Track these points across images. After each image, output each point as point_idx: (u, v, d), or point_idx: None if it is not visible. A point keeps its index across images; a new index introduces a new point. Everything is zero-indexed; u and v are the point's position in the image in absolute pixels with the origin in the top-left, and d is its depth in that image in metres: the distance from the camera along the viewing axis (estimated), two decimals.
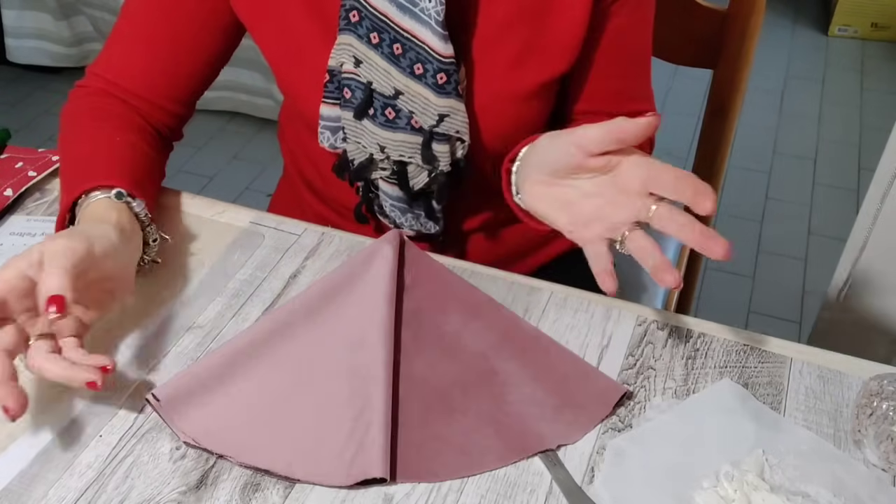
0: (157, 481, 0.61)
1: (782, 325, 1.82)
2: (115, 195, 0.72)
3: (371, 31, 0.75)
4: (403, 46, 0.75)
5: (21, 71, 2.55)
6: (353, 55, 0.76)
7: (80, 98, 0.84)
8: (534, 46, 0.78)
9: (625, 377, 0.68)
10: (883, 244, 1.16)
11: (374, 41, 0.75)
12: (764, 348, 0.71)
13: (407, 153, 0.79)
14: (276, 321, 0.70)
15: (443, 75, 0.75)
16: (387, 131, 0.78)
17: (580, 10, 0.76)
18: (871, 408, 0.61)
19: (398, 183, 0.82)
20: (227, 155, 2.33)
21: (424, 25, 0.73)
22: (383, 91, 0.77)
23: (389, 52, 0.75)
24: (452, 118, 0.77)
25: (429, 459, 0.62)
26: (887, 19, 2.72)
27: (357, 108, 0.78)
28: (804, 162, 2.28)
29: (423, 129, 0.78)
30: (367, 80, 0.77)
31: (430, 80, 0.75)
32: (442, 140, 0.78)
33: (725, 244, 0.60)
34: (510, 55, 0.78)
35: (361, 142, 0.80)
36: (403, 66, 0.75)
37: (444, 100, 0.76)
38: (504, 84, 0.79)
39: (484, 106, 0.79)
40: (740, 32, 1.01)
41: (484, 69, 0.78)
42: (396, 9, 0.73)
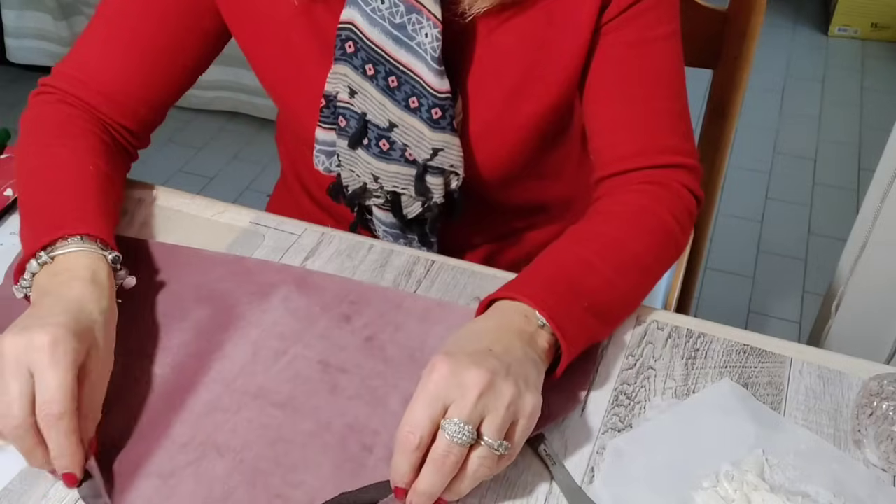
0: None
1: (782, 325, 1.82)
2: (111, 259, 0.67)
3: (366, 63, 0.74)
4: (399, 79, 0.73)
5: (21, 71, 2.55)
6: (348, 85, 0.75)
7: (43, 106, 0.79)
8: (531, 78, 0.76)
9: (625, 377, 0.68)
10: (883, 244, 1.16)
11: (369, 73, 0.74)
12: (764, 348, 0.71)
13: (400, 184, 0.79)
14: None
15: (437, 110, 0.73)
16: (381, 162, 0.78)
17: (581, 38, 0.73)
18: (871, 408, 0.61)
19: (392, 210, 0.82)
20: (227, 155, 2.33)
21: (420, 60, 0.72)
22: (378, 122, 0.76)
23: (384, 84, 0.74)
24: (447, 152, 0.76)
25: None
26: (887, 19, 2.72)
27: (351, 138, 0.78)
28: (804, 162, 2.28)
29: (417, 161, 0.77)
30: (362, 110, 0.76)
31: (425, 115, 0.74)
32: (436, 173, 0.77)
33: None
34: (507, 87, 0.76)
35: (356, 170, 0.80)
36: (398, 98, 0.74)
37: (438, 134, 0.75)
38: (500, 115, 0.77)
39: (479, 137, 0.78)
40: (740, 32, 1.01)
41: (480, 101, 0.77)
42: (392, 42, 0.72)
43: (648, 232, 0.72)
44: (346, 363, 0.68)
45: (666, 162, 0.75)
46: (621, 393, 0.67)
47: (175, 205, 0.85)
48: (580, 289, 0.65)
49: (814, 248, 2.01)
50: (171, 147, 2.33)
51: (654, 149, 0.75)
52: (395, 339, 0.70)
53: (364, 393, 0.66)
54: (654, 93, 0.75)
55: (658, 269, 0.73)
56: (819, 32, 2.85)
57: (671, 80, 0.76)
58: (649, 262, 0.71)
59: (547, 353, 0.62)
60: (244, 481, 0.60)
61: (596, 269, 0.67)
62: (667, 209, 0.73)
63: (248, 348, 0.69)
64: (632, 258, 0.70)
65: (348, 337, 0.70)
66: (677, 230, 0.73)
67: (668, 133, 0.76)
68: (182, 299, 0.73)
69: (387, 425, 0.63)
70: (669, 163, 0.75)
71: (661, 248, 0.72)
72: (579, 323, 0.64)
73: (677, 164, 0.75)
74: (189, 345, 0.70)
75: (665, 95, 0.75)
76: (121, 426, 0.63)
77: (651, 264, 0.71)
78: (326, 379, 0.67)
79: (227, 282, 0.75)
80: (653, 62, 0.75)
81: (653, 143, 0.75)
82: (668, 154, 0.75)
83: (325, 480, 0.60)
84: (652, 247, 0.71)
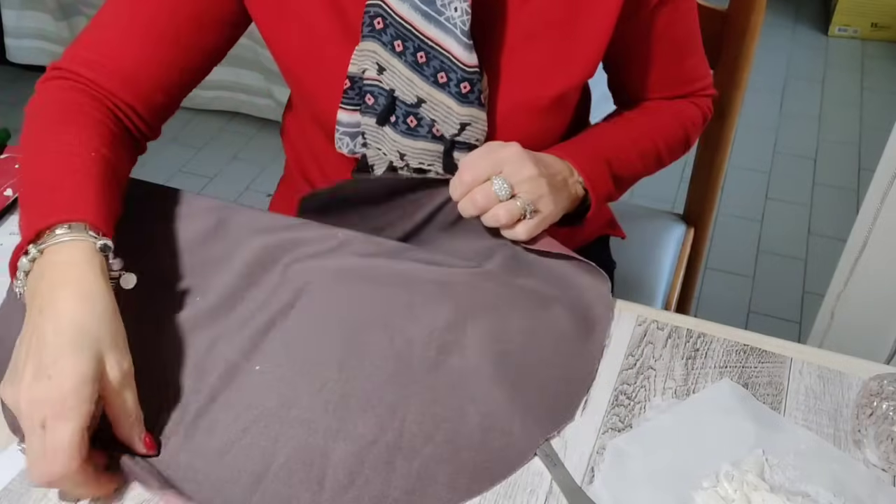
0: None
1: (782, 325, 1.82)
2: (100, 247, 0.64)
3: (395, 39, 0.74)
4: (427, 55, 0.74)
5: (21, 71, 2.55)
6: (377, 62, 0.76)
7: (51, 92, 0.77)
8: (557, 56, 0.77)
9: (625, 377, 0.68)
10: (883, 244, 1.16)
11: (398, 49, 0.75)
12: (764, 348, 0.71)
13: (427, 161, 0.80)
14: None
15: (466, 84, 0.74)
16: (407, 139, 0.78)
17: (608, 19, 0.76)
18: (871, 408, 0.61)
19: None
20: (227, 155, 2.33)
21: (449, 34, 0.73)
22: (405, 99, 0.77)
23: (413, 60, 0.75)
24: (474, 126, 0.77)
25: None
26: (887, 19, 2.72)
27: (380, 115, 0.78)
28: (804, 162, 2.28)
29: (445, 137, 0.78)
30: (390, 87, 0.77)
31: (454, 90, 0.75)
32: (463, 148, 0.78)
33: None
34: (534, 64, 0.77)
35: (382, 148, 0.80)
36: (427, 74, 0.75)
37: (466, 109, 0.76)
38: (526, 93, 0.78)
39: (505, 115, 0.79)
40: (740, 32, 1.01)
41: (507, 78, 0.78)
42: (421, 17, 0.73)
43: (673, 133, 0.91)
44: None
45: (697, 91, 0.93)
46: (621, 393, 0.67)
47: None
48: (611, 163, 0.84)
49: (814, 248, 2.01)
50: (171, 147, 2.33)
51: (691, 84, 0.93)
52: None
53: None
54: (683, 50, 0.89)
55: (668, 161, 0.93)
56: (819, 32, 2.85)
57: (695, 34, 0.89)
58: (664, 154, 0.91)
59: (574, 199, 0.80)
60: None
61: (626, 151, 0.86)
62: (689, 118, 0.92)
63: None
64: (653, 148, 0.89)
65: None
66: (692, 136, 0.94)
67: (701, 74, 0.93)
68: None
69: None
70: (699, 91, 0.93)
71: (677, 147, 0.93)
72: (604, 186, 0.83)
73: (705, 93, 0.94)
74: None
75: (691, 50, 0.90)
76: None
77: (664, 157, 0.91)
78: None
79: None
80: (681, 22, 0.86)
81: (691, 82, 0.92)
82: (699, 88, 0.93)
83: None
84: (671, 144, 0.91)
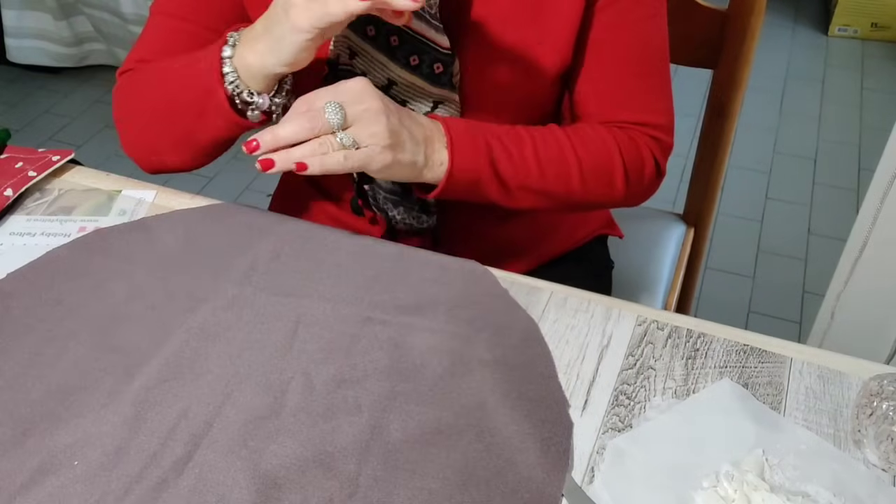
0: None
1: (782, 325, 1.82)
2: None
3: (367, 24, 0.76)
4: (400, 38, 0.76)
5: (21, 71, 2.55)
6: (349, 46, 0.78)
7: (129, 74, 0.84)
8: (527, 44, 0.78)
9: (625, 377, 0.68)
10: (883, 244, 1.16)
11: (370, 34, 0.77)
12: (764, 348, 0.71)
13: None
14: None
15: (439, 65, 0.76)
16: None
17: (573, 7, 0.77)
18: (871, 408, 0.61)
19: None
20: (227, 155, 2.32)
21: (420, 19, 0.75)
22: (376, 82, 0.77)
23: (385, 43, 0.77)
24: (447, 106, 0.78)
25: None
26: (887, 19, 2.72)
27: None
28: (804, 162, 2.28)
29: None
30: (362, 70, 0.78)
31: (426, 70, 0.77)
32: None
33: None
34: (505, 52, 0.78)
35: None
36: (399, 57, 0.77)
37: (438, 89, 0.77)
38: (497, 78, 0.79)
39: (477, 99, 0.80)
40: (740, 32, 1.01)
41: (477, 63, 0.79)
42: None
43: (593, 155, 0.79)
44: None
45: (641, 122, 0.82)
46: (621, 393, 0.67)
47: (175, 205, 0.85)
48: (492, 148, 0.76)
49: (814, 248, 2.01)
50: None
51: (633, 112, 0.82)
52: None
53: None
54: (642, 68, 0.81)
55: (580, 191, 0.80)
56: (819, 32, 2.85)
57: (660, 56, 0.82)
58: (575, 177, 0.79)
59: (434, 165, 0.74)
60: None
61: (524, 144, 0.77)
62: (622, 153, 0.80)
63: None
64: (560, 161, 0.78)
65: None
66: (619, 174, 0.80)
67: (650, 106, 0.83)
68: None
69: None
70: (644, 124, 0.82)
71: (595, 175, 0.80)
72: (471, 161, 0.75)
73: (651, 132, 0.83)
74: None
75: (650, 71, 0.82)
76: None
77: (575, 182, 0.79)
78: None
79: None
80: (644, 37, 0.80)
81: (633, 109, 0.82)
82: (644, 120, 0.82)
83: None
84: (587, 168, 0.79)
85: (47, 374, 0.67)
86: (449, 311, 0.72)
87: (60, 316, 0.72)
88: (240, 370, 0.67)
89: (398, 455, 0.62)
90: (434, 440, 0.63)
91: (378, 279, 0.75)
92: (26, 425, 0.63)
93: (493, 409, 0.65)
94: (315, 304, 0.73)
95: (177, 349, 0.69)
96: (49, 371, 0.67)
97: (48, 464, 0.61)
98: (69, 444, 0.62)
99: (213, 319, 0.72)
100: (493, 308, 0.73)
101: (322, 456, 0.61)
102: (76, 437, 0.62)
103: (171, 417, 0.64)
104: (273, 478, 0.60)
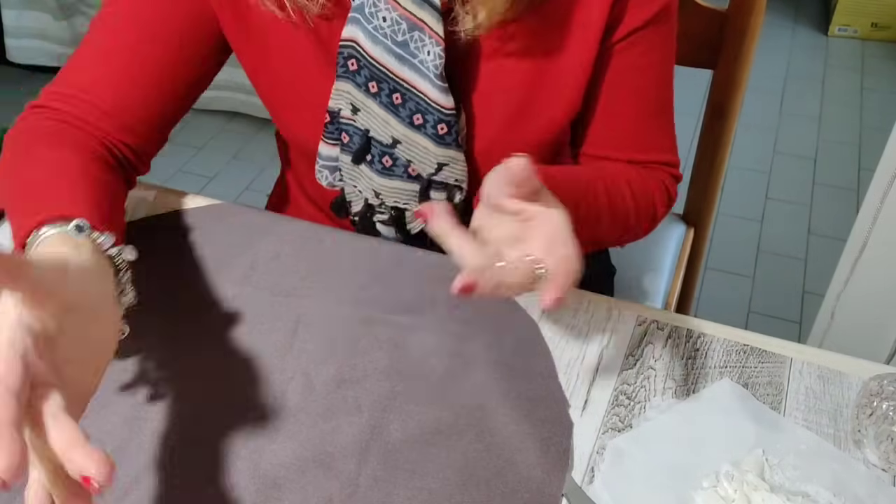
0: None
1: (782, 325, 1.82)
2: (73, 228, 0.56)
3: (370, 80, 0.74)
4: (403, 96, 0.73)
5: (21, 71, 2.55)
6: (351, 102, 0.75)
7: (32, 121, 0.74)
8: (535, 95, 0.76)
9: (625, 377, 0.68)
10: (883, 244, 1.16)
11: (372, 90, 0.74)
12: (764, 348, 0.71)
13: (402, 200, 0.79)
14: None
15: (443, 126, 0.74)
16: (383, 178, 0.78)
17: (586, 54, 0.74)
18: (871, 408, 0.61)
19: (395, 226, 0.82)
20: (227, 155, 2.33)
21: (423, 77, 0.72)
22: (381, 139, 0.76)
23: (388, 101, 0.74)
24: (452, 167, 0.76)
25: None
26: (887, 19, 2.72)
27: (355, 154, 0.78)
28: (804, 162, 2.28)
29: (421, 176, 0.77)
30: (365, 127, 0.76)
31: (430, 131, 0.74)
32: (440, 188, 0.78)
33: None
34: (511, 104, 0.76)
35: (357, 186, 0.80)
36: (402, 115, 0.74)
37: (443, 150, 0.75)
38: (504, 132, 0.77)
39: (484, 153, 0.78)
40: (740, 32, 1.01)
41: (484, 117, 0.77)
42: (395, 60, 0.72)
43: (644, 202, 0.80)
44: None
45: (660, 161, 0.83)
46: (621, 393, 0.67)
47: (175, 205, 0.85)
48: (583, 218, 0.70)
49: (814, 248, 2.01)
50: (170, 147, 2.31)
51: (652, 153, 0.83)
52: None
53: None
54: (658, 107, 0.81)
55: (632, 230, 0.82)
56: (819, 32, 2.85)
57: (670, 93, 0.82)
58: (632, 220, 0.79)
59: None
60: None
61: (601, 207, 0.75)
62: (655, 191, 0.82)
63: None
64: (623, 209, 0.78)
65: None
66: (658, 212, 0.83)
67: (667, 145, 0.84)
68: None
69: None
70: (663, 163, 0.83)
71: (644, 217, 0.81)
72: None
73: (669, 171, 0.84)
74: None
75: (656, 112, 0.82)
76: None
77: (632, 223, 0.80)
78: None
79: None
80: (659, 78, 0.80)
81: (653, 150, 0.83)
82: (663, 159, 0.84)
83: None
84: (641, 211, 0.80)
85: None
86: (449, 311, 0.72)
87: None
88: (239, 370, 0.67)
89: (398, 455, 0.62)
90: (434, 440, 0.63)
91: (378, 279, 0.75)
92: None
93: (493, 409, 0.65)
94: (315, 304, 0.73)
95: (176, 349, 0.69)
96: None
97: None
98: None
99: (213, 319, 0.72)
100: (493, 308, 0.73)
101: (322, 456, 0.62)
102: None
103: (170, 417, 0.64)
104: (273, 478, 0.60)
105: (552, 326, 0.73)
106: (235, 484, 0.60)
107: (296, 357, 0.69)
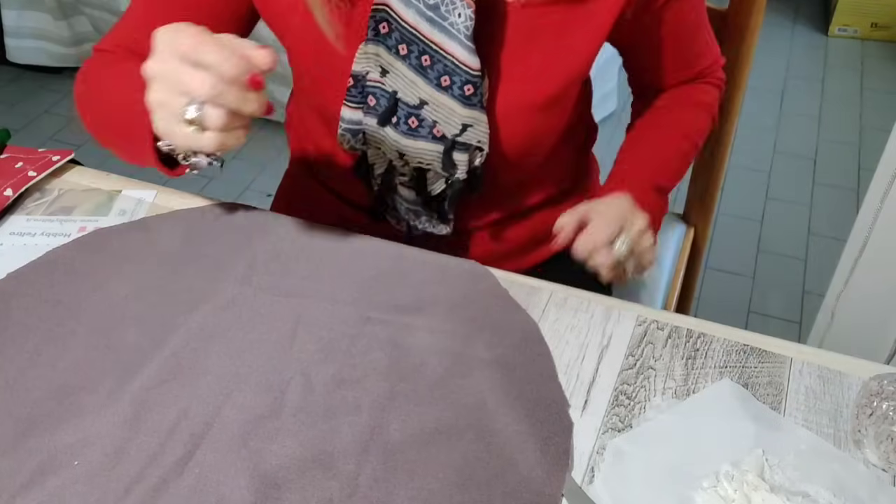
0: None
1: (782, 325, 1.82)
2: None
3: (400, 43, 0.76)
4: (432, 58, 0.75)
5: (21, 71, 2.55)
6: (380, 65, 0.77)
7: (98, 57, 0.82)
8: (555, 56, 0.78)
9: (625, 377, 0.68)
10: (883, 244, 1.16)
11: (402, 52, 0.76)
12: (764, 348, 0.71)
13: (426, 160, 0.80)
14: None
15: (470, 87, 0.75)
16: (408, 139, 0.79)
17: (606, 19, 0.77)
18: (871, 408, 0.61)
19: (415, 188, 0.84)
20: (227, 155, 2.33)
21: (453, 39, 0.74)
22: (408, 100, 0.78)
23: (417, 63, 0.76)
24: (475, 128, 0.78)
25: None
26: (887, 19, 2.72)
27: (381, 116, 0.79)
28: (804, 162, 2.28)
29: (446, 137, 0.78)
30: (393, 89, 0.78)
31: (457, 92, 0.76)
32: (462, 149, 0.79)
33: None
34: (533, 65, 0.78)
35: (381, 148, 0.81)
36: (431, 77, 0.76)
37: (468, 110, 0.77)
38: (525, 94, 0.79)
39: (505, 115, 0.80)
40: (740, 32, 1.01)
41: (507, 79, 0.79)
42: (427, 22, 0.74)
43: (703, 124, 0.94)
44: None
45: (706, 66, 0.94)
46: (621, 393, 0.67)
47: (175, 205, 0.85)
48: (661, 187, 0.89)
49: (814, 248, 2.01)
50: None
51: (702, 62, 0.94)
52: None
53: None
54: (695, 33, 0.90)
55: (702, 145, 0.96)
56: (819, 32, 2.85)
57: (702, 13, 0.89)
58: (700, 144, 0.95)
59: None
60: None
61: (669, 160, 0.91)
62: (711, 102, 0.94)
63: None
64: (691, 146, 0.93)
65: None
66: (716, 116, 0.97)
67: (704, 54, 0.94)
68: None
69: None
70: (709, 66, 0.94)
71: (707, 131, 0.95)
72: (660, 212, 0.88)
73: (717, 72, 0.95)
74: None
75: (701, 31, 0.91)
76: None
77: (697, 146, 0.95)
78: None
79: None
80: (691, 12, 0.86)
81: (702, 60, 0.93)
82: (708, 62, 0.94)
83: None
84: (703, 132, 0.94)
85: (47, 374, 0.67)
86: (449, 311, 0.72)
87: (60, 316, 0.72)
88: (239, 370, 0.67)
89: (398, 455, 0.62)
90: (434, 440, 0.63)
91: (378, 279, 0.75)
92: (26, 425, 0.63)
93: (493, 409, 0.65)
94: (315, 304, 0.73)
95: (177, 349, 0.69)
96: (49, 371, 0.67)
97: (48, 464, 0.61)
98: (69, 444, 0.62)
99: (213, 319, 0.72)
100: (493, 308, 0.73)
101: (322, 456, 0.61)
102: (76, 438, 0.62)
103: (170, 417, 0.64)
104: (273, 478, 0.60)
105: (552, 326, 0.73)
106: (236, 484, 0.60)
107: (295, 357, 0.69)
